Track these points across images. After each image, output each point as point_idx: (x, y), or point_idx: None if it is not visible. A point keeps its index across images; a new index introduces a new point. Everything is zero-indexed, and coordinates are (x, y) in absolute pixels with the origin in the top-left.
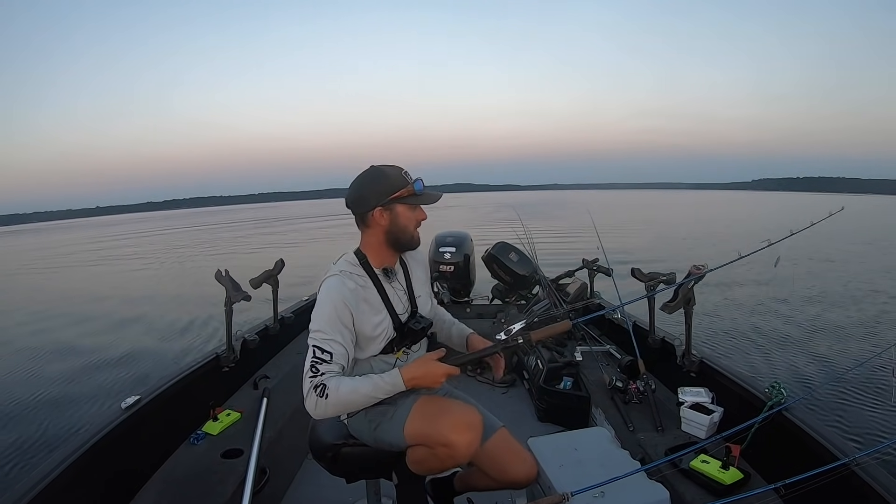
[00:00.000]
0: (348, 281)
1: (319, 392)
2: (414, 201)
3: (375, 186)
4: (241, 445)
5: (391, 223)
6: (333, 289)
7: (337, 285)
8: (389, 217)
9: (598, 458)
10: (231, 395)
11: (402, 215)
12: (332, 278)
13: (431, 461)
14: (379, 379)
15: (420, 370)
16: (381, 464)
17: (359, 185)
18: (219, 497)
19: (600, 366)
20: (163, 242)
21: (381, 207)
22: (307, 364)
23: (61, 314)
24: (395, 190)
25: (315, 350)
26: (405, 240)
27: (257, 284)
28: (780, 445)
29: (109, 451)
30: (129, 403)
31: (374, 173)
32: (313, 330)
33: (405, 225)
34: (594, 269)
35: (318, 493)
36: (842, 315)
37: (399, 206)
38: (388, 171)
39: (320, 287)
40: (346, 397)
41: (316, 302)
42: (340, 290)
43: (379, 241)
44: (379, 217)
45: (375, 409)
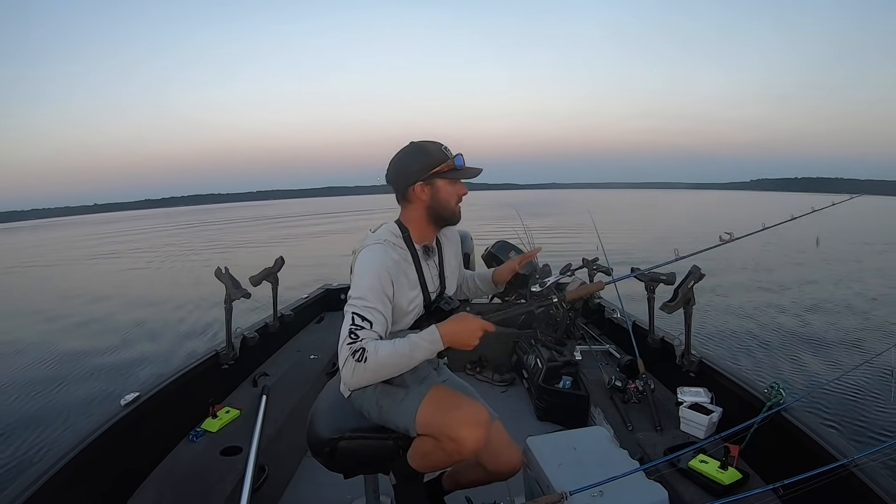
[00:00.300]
0: (392, 252)
1: (358, 357)
2: (454, 175)
3: (416, 162)
4: (240, 443)
5: (432, 198)
6: (378, 258)
7: (381, 254)
8: (430, 192)
9: (597, 458)
10: (230, 393)
11: (443, 190)
12: (376, 247)
13: (436, 455)
14: (416, 337)
15: (457, 326)
16: (379, 458)
17: (399, 160)
18: (218, 494)
19: (599, 365)
20: (162, 240)
21: (422, 182)
22: (344, 332)
23: (61, 311)
24: (435, 165)
25: (354, 317)
26: (446, 214)
27: (257, 282)
28: (778, 446)
29: (109, 448)
30: (128, 400)
31: (415, 149)
32: (354, 297)
33: (446, 199)
34: (594, 269)
35: (317, 491)
36: (841, 316)
37: (440, 181)
38: (428, 146)
39: (359, 254)
40: (385, 360)
41: (356, 268)
42: (384, 260)
43: (420, 216)
44: (420, 192)
45: (385, 387)
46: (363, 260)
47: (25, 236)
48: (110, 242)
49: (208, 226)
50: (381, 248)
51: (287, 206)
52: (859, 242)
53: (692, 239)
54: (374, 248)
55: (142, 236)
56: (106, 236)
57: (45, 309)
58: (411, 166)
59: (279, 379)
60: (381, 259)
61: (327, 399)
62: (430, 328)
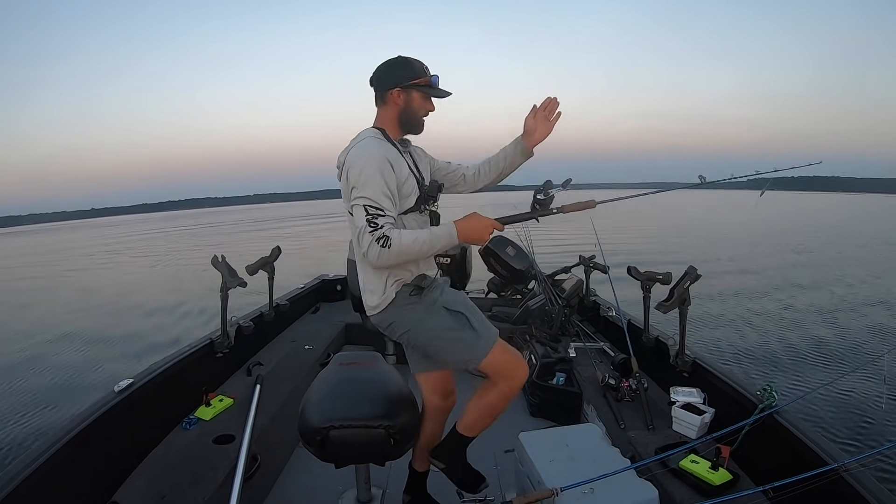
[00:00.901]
0: (377, 144)
1: (383, 243)
2: (428, 91)
3: (399, 70)
4: (233, 431)
5: (406, 105)
6: (374, 149)
7: (376, 146)
8: (405, 99)
9: (589, 455)
10: (224, 381)
11: (416, 101)
12: (368, 140)
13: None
14: (436, 229)
15: (471, 222)
16: (370, 448)
17: (385, 66)
18: (210, 482)
19: (593, 363)
20: (161, 242)
21: (399, 88)
22: (361, 222)
23: (56, 298)
24: (415, 77)
25: (367, 208)
26: (414, 122)
27: (253, 271)
28: (769, 448)
29: (102, 434)
30: (122, 387)
31: (401, 60)
32: (360, 187)
33: (416, 109)
34: (591, 266)
35: (309, 481)
36: (836, 320)
37: (415, 92)
38: (413, 61)
39: (353, 151)
40: (408, 247)
41: (351, 166)
42: (380, 150)
43: (392, 118)
44: (396, 97)
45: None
46: (360, 156)
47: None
48: (109, 243)
49: (210, 228)
50: (374, 140)
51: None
52: (855, 246)
53: (695, 240)
54: (367, 142)
55: (141, 238)
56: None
57: (41, 295)
58: (395, 73)
59: (273, 368)
60: (377, 151)
61: (320, 388)
62: (447, 223)
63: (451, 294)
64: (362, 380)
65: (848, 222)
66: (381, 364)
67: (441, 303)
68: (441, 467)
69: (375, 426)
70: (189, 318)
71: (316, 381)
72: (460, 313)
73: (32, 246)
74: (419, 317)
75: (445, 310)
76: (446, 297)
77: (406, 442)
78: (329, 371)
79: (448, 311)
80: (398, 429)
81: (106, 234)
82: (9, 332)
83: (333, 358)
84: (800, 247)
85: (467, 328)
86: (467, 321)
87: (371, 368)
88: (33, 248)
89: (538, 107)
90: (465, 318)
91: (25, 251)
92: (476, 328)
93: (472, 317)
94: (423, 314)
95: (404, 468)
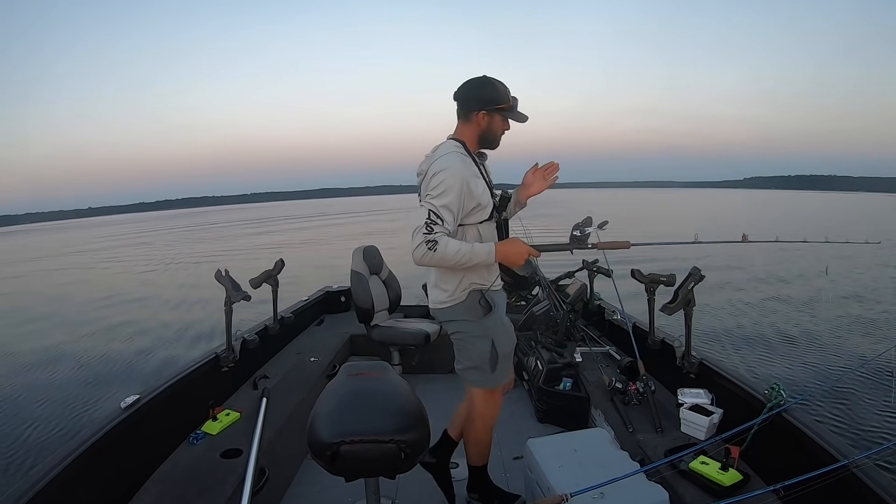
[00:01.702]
0: (465, 158)
1: (430, 246)
2: (510, 115)
3: (486, 93)
4: (240, 445)
5: (487, 126)
6: (456, 165)
7: (458, 162)
8: (488, 122)
9: (598, 459)
10: (230, 395)
11: (497, 123)
12: (453, 155)
13: (478, 433)
14: (478, 246)
15: (509, 246)
16: (381, 462)
17: (473, 86)
18: (218, 497)
19: (600, 367)
20: (160, 243)
21: (485, 112)
22: (420, 222)
23: (60, 314)
24: (500, 102)
25: (431, 213)
26: (492, 141)
27: (257, 284)
28: (779, 447)
29: (109, 451)
30: (128, 403)
31: (488, 81)
32: (435, 196)
33: (496, 130)
34: (594, 270)
35: (318, 494)
36: (842, 317)
37: (497, 116)
38: (498, 84)
39: (437, 161)
40: (450, 255)
41: (435, 174)
42: (463, 169)
43: (473, 135)
44: (480, 119)
45: (487, 350)
46: (445, 168)
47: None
48: (108, 246)
49: (206, 229)
50: (458, 156)
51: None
52: (858, 243)
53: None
54: (451, 155)
55: (139, 238)
56: (102, 239)
57: (45, 311)
58: (482, 95)
59: (279, 381)
60: (461, 169)
61: (328, 401)
62: (488, 244)
63: (504, 334)
64: (372, 392)
65: (854, 220)
66: (390, 374)
67: (492, 334)
68: (475, 497)
69: (386, 441)
70: (193, 332)
71: (324, 392)
72: (495, 351)
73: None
74: (474, 332)
75: (491, 342)
76: (499, 333)
77: (416, 455)
78: (338, 382)
79: (493, 344)
80: (409, 443)
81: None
82: (10, 348)
83: (341, 368)
84: (802, 245)
85: (493, 365)
86: (496, 362)
87: (381, 379)
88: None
89: (540, 166)
90: (497, 357)
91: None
92: (497, 371)
93: (502, 362)
94: (477, 332)
95: (414, 480)
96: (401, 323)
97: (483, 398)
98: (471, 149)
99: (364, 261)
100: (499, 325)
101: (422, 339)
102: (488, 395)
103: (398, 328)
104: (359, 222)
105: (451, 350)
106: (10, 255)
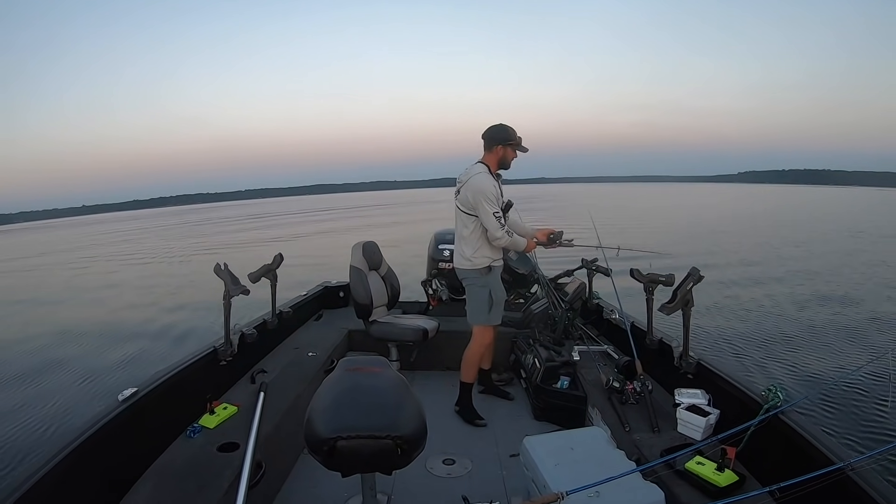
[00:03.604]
0: (488, 176)
1: (508, 234)
2: (517, 149)
3: (503, 134)
4: (237, 439)
5: (503, 156)
6: (489, 180)
7: (488, 179)
8: (503, 152)
9: (594, 458)
10: (228, 389)
11: (509, 153)
12: (484, 175)
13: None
14: (522, 240)
15: (532, 242)
16: (378, 458)
17: (496, 130)
18: (215, 490)
19: (597, 366)
20: (157, 239)
21: (502, 146)
22: (492, 219)
23: (58, 307)
24: (512, 140)
25: (494, 214)
26: (505, 164)
27: (256, 279)
28: (775, 448)
29: (106, 444)
30: (125, 396)
31: (504, 127)
32: (488, 201)
33: (509, 158)
34: (593, 269)
35: (314, 488)
36: (840, 319)
37: (510, 148)
38: (510, 129)
39: (474, 179)
40: (515, 242)
41: (479, 188)
42: (491, 181)
43: (494, 161)
44: (500, 150)
45: (485, 298)
46: (481, 183)
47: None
48: (105, 242)
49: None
50: (486, 175)
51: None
52: (856, 242)
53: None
54: (485, 176)
55: (136, 237)
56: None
57: (42, 306)
58: (500, 136)
59: (277, 376)
60: (490, 181)
61: (325, 397)
62: (524, 240)
63: (499, 289)
64: (369, 387)
65: (846, 216)
66: (388, 370)
67: (490, 287)
68: (456, 410)
69: (383, 437)
70: (191, 326)
71: (322, 387)
72: (492, 299)
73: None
74: (479, 282)
75: (489, 292)
76: (496, 288)
77: (413, 451)
78: (335, 377)
79: (490, 293)
80: (406, 439)
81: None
82: (9, 340)
83: (339, 363)
84: (801, 243)
85: (489, 307)
86: (491, 305)
87: (378, 375)
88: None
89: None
90: (492, 303)
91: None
92: (491, 313)
93: (495, 307)
94: (480, 284)
95: (410, 475)
96: (399, 319)
97: (480, 332)
98: (492, 170)
99: (363, 256)
100: (495, 284)
101: (420, 336)
102: (484, 330)
103: (396, 324)
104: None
105: (449, 347)
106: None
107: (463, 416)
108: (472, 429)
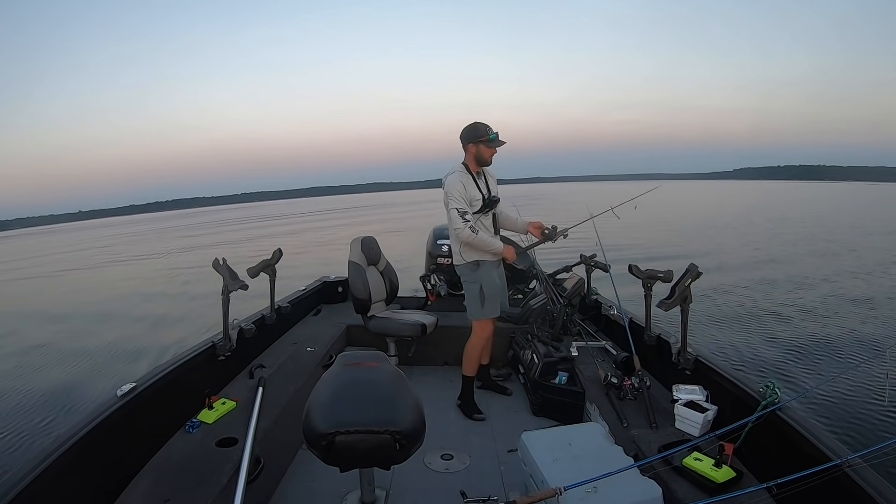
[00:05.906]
0: (461, 175)
1: (472, 230)
2: (488, 144)
3: (471, 132)
4: (235, 434)
5: (477, 152)
6: (457, 179)
7: (459, 177)
8: (476, 150)
9: (592, 454)
10: (226, 384)
11: (483, 150)
12: (453, 175)
13: (470, 347)
14: (496, 241)
15: (507, 251)
16: (376, 453)
17: (466, 130)
18: (213, 485)
19: (596, 362)
20: (157, 240)
21: (472, 144)
22: (455, 215)
23: (57, 303)
24: (480, 137)
25: (456, 210)
26: (483, 160)
27: (255, 273)
28: (773, 445)
29: (104, 438)
30: (124, 391)
31: (473, 125)
32: (453, 199)
33: (483, 154)
34: (591, 265)
35: (312, 483)
36: (838, 316)
37: (482, 145)
38: (479, 126)
39: (447, 178)
40: (481, 240)
41: (449, 187)
42: (459, 180)
43: (471, 159)
44: (472, 149)
45: (476, 292)
46: (448, 182)
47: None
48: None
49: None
50: (457, 174)
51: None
52: (854, 235)
53: (693, 236)
54: (453, 175)
55: (136, 237)
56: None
57: (42, 302)
58: (469, 134)
59: (275, 371)
60: (456, 179)
61: (324, 391)
62: (501, 244)
63: (490, 284)
64: (368, 382)
65: (843, 212)
66: (386, 364)
67: (481, 282)
68: (458, 404)
69: (381, 432)
70: (190, 321)
71: (320, 382)
72: (483, 293)
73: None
74: (470, 278)
75: (479, 287)
76: (487, 282)
77: (411, 447)
78: (333, 372)
79: (481, 288)
80: (404, 434)
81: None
82: (9, 337)
83: (338, 358)
84: (799, 241)
85: (482, 301)
86: (483, 300)
87: (376, 370)
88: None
89: (547, 231)
90: (484, 297)
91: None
92: (485, 307)
93: (488, 300)
94: (471, 280)
95: (408, 471)
96: (397, 314)
97: (478, 326)
98: (472, 168)
99: (362, 251)
100: (485, 278)
101: (418, 331)
102: (482, 324)
103: (395, 319)
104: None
105: (448, 342)
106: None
107: (464, 409)
108: (470, 424)
